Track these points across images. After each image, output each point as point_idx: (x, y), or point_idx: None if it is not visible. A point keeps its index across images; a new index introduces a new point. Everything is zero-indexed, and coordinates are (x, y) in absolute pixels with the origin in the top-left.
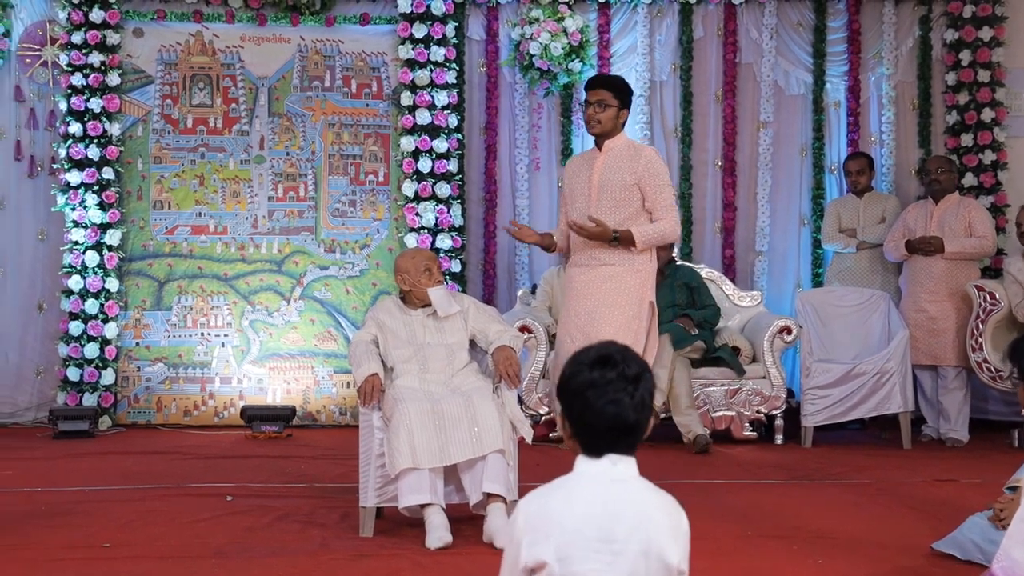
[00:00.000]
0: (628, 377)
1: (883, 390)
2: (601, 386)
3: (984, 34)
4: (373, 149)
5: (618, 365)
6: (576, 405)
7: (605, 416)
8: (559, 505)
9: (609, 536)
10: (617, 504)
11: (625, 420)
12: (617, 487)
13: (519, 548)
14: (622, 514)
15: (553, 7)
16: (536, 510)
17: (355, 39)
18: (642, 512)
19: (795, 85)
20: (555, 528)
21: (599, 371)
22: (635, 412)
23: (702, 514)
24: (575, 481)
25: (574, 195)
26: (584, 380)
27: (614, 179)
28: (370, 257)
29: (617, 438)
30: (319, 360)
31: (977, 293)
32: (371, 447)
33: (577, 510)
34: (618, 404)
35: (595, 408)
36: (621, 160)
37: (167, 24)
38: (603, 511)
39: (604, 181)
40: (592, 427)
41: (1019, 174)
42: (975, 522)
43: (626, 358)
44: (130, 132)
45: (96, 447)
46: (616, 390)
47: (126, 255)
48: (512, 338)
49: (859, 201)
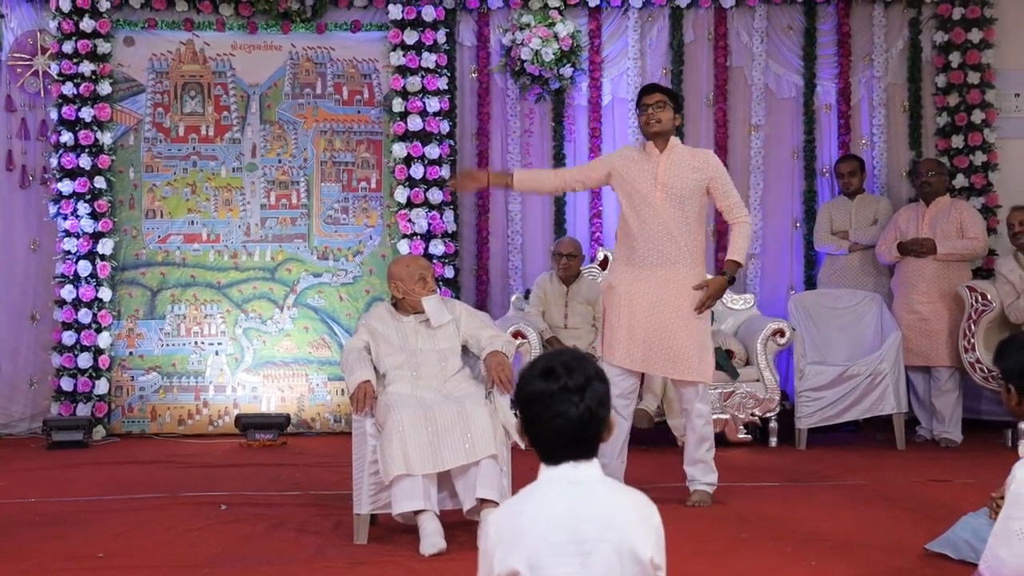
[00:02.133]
0: (571, 388)
1: (876, 391)
2: (545, 398)
3: (973, 36)
4: (365, 156)
5: (561, 377)
6: (526, 415)
7: (552, 427)
8: (526, 514)
9: (578, 538)
10: (583, 505)
11: (571, 431)
12: (580, 489)
13: (492, 561)
14: (588, 514)
15: (544, 12)
16: (504, 521)
17: (346, 46)
18: (609, 510)
19: (786, 88)
20: (524, 537)
21: (543, 383)
22: (581, 422)
23: (697, 517)
24: (539, 488)
25: (633, 183)
26: (531, 392)
27: (680, 179)
28: (363, 264)
29: (569, 447)
30: (313, 367)
31: (969, 294)
32: (364, 454)
33: (543, 516)
34: (563, 416)
35: (542, 419)
36: (684, 161)
37: (158, 33)
38: (569, 514)
39: (670, 179)
40: (542, 437)
41: (1010, 175)
42: (968, 522)
43: (571, 369)
44: (122, 141)
45: (90, 457)
46: (560, 401)
47: (119, 264)
48: (504, 343)
49: (851, 203)
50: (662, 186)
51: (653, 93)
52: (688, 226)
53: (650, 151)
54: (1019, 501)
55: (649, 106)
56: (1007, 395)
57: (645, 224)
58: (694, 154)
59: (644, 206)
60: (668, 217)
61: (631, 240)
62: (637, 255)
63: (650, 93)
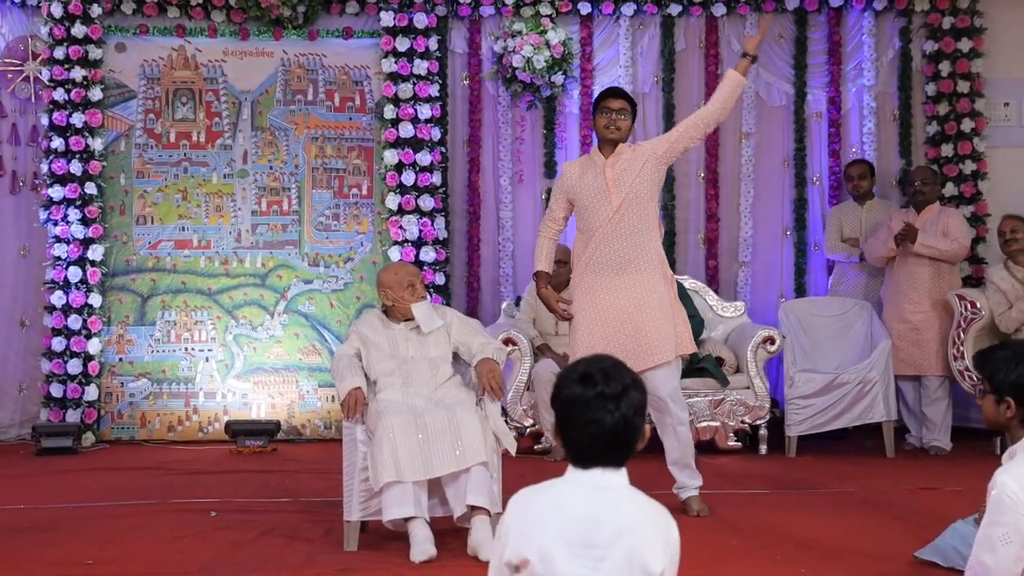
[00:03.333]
0: (608, 396)
1: (866, 399)
2: (582, 403)
3: (963, 45)
4: (356, 162)
5: (598, 384)
6: (562, 419)
7: (586, 433)
8: (546, 506)
9: (592, 542)
10: (601, 511)
11: (605, 438)
12: (603, 495)
13: (505, 542)
14: (605, 521)
15: (535, 20)
16: (524, 508)
17: (338, 53)
18: (626, 521)
19: (777, 96)
20: (540, 528)
21: (580, 388)
22: (615, 430)
23: (687, 524)
24: (564, 485)
25: (584, 197)
26: (567, 396)
27: (628, 182)
28: (354, 270)
29: (600, 453)
30: (303, 374)
31: (958, 302)
32: (355, 461)
33: (563, 513)
34: (598, 423)
35: (576, 424)
36: (628, 162)
37: (149, 39)
38: (587, 517)
39: (620, 185)
40: (575, 442)
41: (999, 184)
42: (957, 529)
43: (608, 376)
44: (113, 147)
45: (79, 463)
46: (596, 408)
47: (109, 270)
48: (495, 351)
49: (860, 209)
50: (615, 194)
51: (618, 99)
52: (643, 230)
53: (596, 159)
54: (1001, 507)
55: (613, 111)
56: (997, 407)
57: (601, 234)
58: (634, 150)
59: (597, 216)
60: (623, 223)
61: (588, 251)
62: (596, 264)
63: (616, 97)
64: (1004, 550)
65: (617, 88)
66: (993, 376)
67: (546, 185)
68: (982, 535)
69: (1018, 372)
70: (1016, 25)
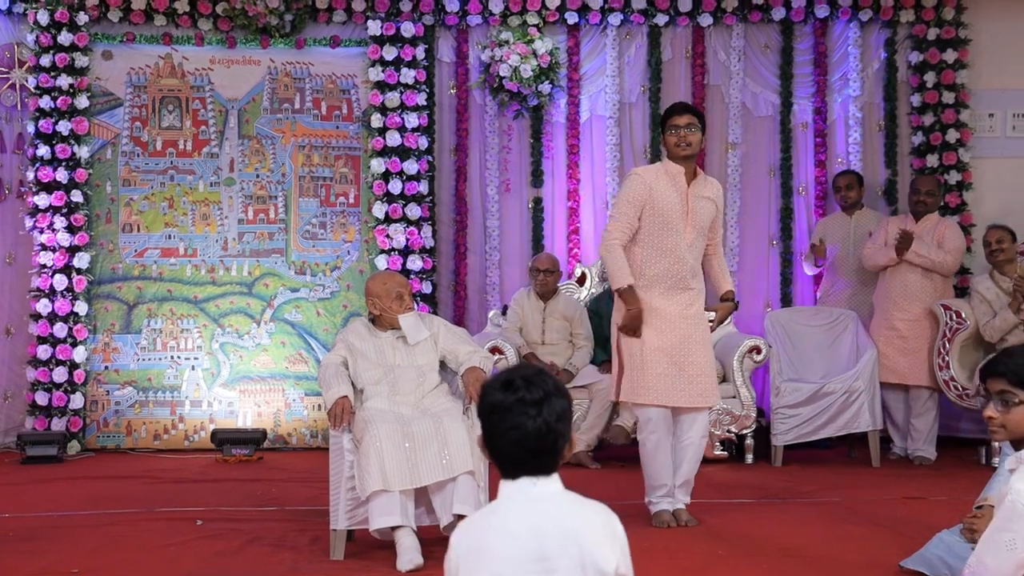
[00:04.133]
0: (529, 401)
1: (852, 409)
2: (503, 410)
3: (948, 56)
4: (343, 171)
5: (519, 390)
6: (486, 427)
7: (507, 439)
8: (489, 531)
9: (540, 555)
10: (542, 522)
11: (527, 444)
12: (540, 505)
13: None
14: (548, 531)
15: (523, 29)
16: (467, 539)
17: (325, 61)
18: (568, 525)
19: (763, 106)
20: (487, 555)
21: (502, 394)
22: (538, 436)
23: (673, 533)
24: (501, 506)
25: (663, 211)
26: (490, 403)
27: (703, 211)
28: (341, 279)
29: (526, 460)
30: (290, 383)
31: (944, 312)
32: (341, 469)
33: (506, 534)
34: (519, 428)
35: (498, 431)
36: (705, 191)
37: (136, 47)
38: (529, 531)
39: (696, 211)
40: (499, 449)
41: (984, 195)
42: (942, 539)
43: (530, 382)
44: (99, 155)
45: (65, 472)
46: (517, 414)
47: (95, 278)
48: (482, 359)
49: (848, 220)
50: (691, 218)
51: (684, 114)
52: (699, 253)
53: (675, 177)
54: (1014, 514)
55: (680, 127)
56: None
57: (667, 251)
58: (708, 183)
59: (669, 233)
60: (690, 246)
61: (648, 265)
62: (655, 280)
63: (681, 114)
64: (1007, 555)
65: (682, 104)
66: None
67: (533, 194)
68: (988, 537)
69: None
70: (1001, 37)
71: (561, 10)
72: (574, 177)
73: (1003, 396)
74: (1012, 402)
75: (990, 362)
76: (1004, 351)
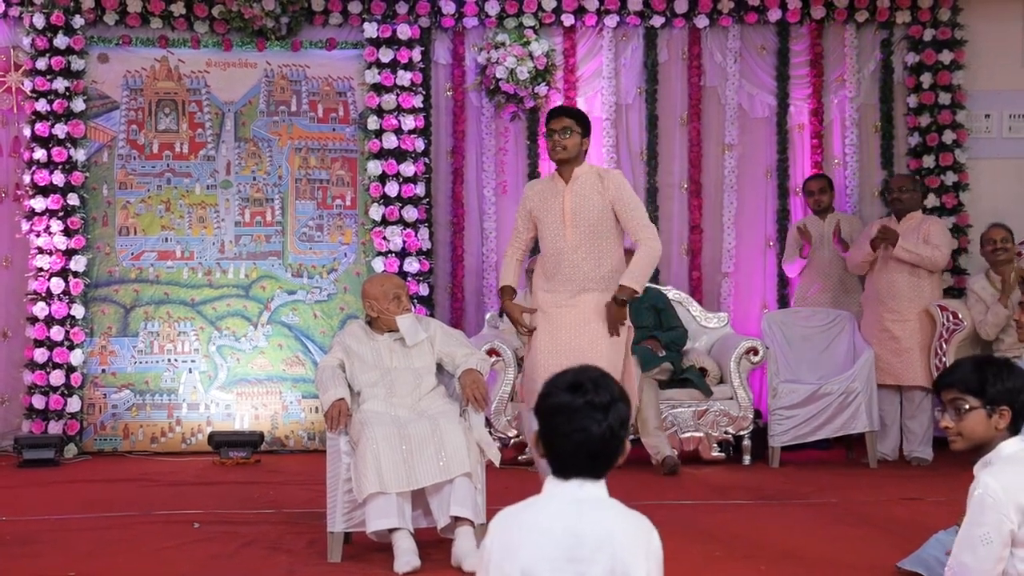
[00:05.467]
0: (597, 405)
1: (848, 410)
2: (569, 412)
3: (944, 57)
4: (340, 173)
5: (588, 393)
6: (546, 427)
7: (571, 442)
8: (526, 523)
9: (574, 555)
10: (582, 524)
11: (590, 447)
12: (583, 507)
13: (488, 565)
14: (586, 533)
15: (519, 31)
16: (505, 528)
17: (321, 64)
18: (607, 532)
19: (759, 108)
20: (522, 546)
21: (569, 396)
22: (602, 440)
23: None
24: (543, 501)
25: (544, 222)
26: (554, 404)
27: (586, 206)
28: (338, 281)
29: (583, 463)
30: (287, 385)
31: (940, 313)
32: (338, 472)
33: (543, 528)
34: (585, 431)
35: (562, 432)
36: (590, 187)
37: (132, 50)
38: (567, 530)
39: (577, 209)
40: (559, 450)
41: (980, 195)
42: (939, 539)
43: (598, 386)
44: (95, 158)
45: (62, 475)
46: (583, 417)
47: (91, 281)
48: (479, 361)
49: (822, 223)
50: (570, 220)
51: (560, 117)
52: (600, 254)
53: (556, 182)
54: (983, 507)
55: (555, 131)
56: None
57: (558, 255)
58: (600, 177)
59: (555, 239)
60: (579, 249)
61: (545, 269)
62: (553, 284)
63: (556, 117)
64: (984, 550)
65: (558, 107)
66: (985, 389)
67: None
68: (963, 535)
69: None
70: (997, 37)
71: (557, 12)
72: None
73: (955, 405)
74: (964, 409)
75: (940, 374)
76: (955, 362)
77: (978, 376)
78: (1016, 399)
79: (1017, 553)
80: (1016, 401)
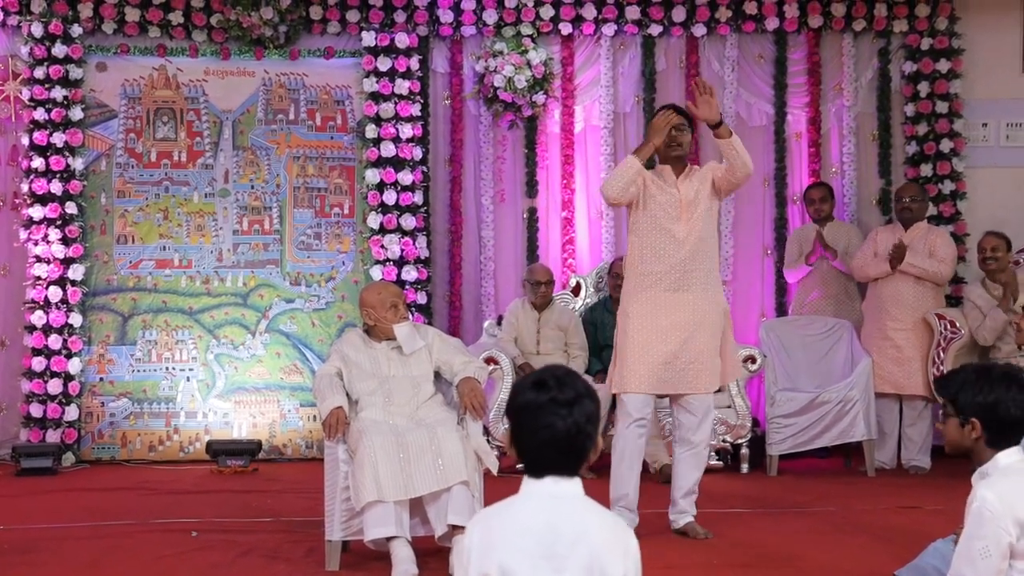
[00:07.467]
0: (561, 401)
1: (847, 418)
2: (534, 409)
3: (942, 66)
4: (338, 182)
5: (551, 390)
6: (514, 425)
7: (538, 439)
8: (504, 521)
9: (550, 552)
10: (558, 521)
11: (557, 444)
12: (558, 504)
13: (468, 564)
14: (563, 530)
15: (517, 40)
16: (483, 527)
17: (319, 72)
18: (583, 529)
19: (757, 116)
20: (499, 543)
21: (534, 394)
22: (568, 436)
23: (668, 543)
24: (520, 499)
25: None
26: (520, 402)
27: (698, 201)
28: (335, 290)
29: (553, 459)
30: (285, 393)
31: (938, 322)
32: (336, 480)
33: (519, 526)
34: (550, 428)
35: (528, 430)
36: (696, 180)
37: (130, 58)
38: (544, 527)
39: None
40: (528, 448)
41: (978, 204)
42: (937, 548)
43: (562, 383)
44: (93, 166)
45: (60, 484)
46: (548, 414)
47: (89, 290)
48: (477, 369)
49: (821, 231)
50: (686, 213)
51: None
52: (707, 250)
53: (667, 177)
54: (981, 520)
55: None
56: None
57: (666, 252)
58: (698, 171)
59: (665, 234)
60: (690, 244)
61: (649, 266)
62: (656, 281)
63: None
64: (983, 563)
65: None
66: (958, 398)
67: (528, 204)
68: (962, 548)
69: (984, 393)
70: (994, 46)
71: (555, 21)
72: (568, 187)
73: (944, 409)
74: (946, 414)
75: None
76: (957, 367)
77: (956, 386)
78: (987, 414)
79: (1016, 565)
80: (987, 415)
